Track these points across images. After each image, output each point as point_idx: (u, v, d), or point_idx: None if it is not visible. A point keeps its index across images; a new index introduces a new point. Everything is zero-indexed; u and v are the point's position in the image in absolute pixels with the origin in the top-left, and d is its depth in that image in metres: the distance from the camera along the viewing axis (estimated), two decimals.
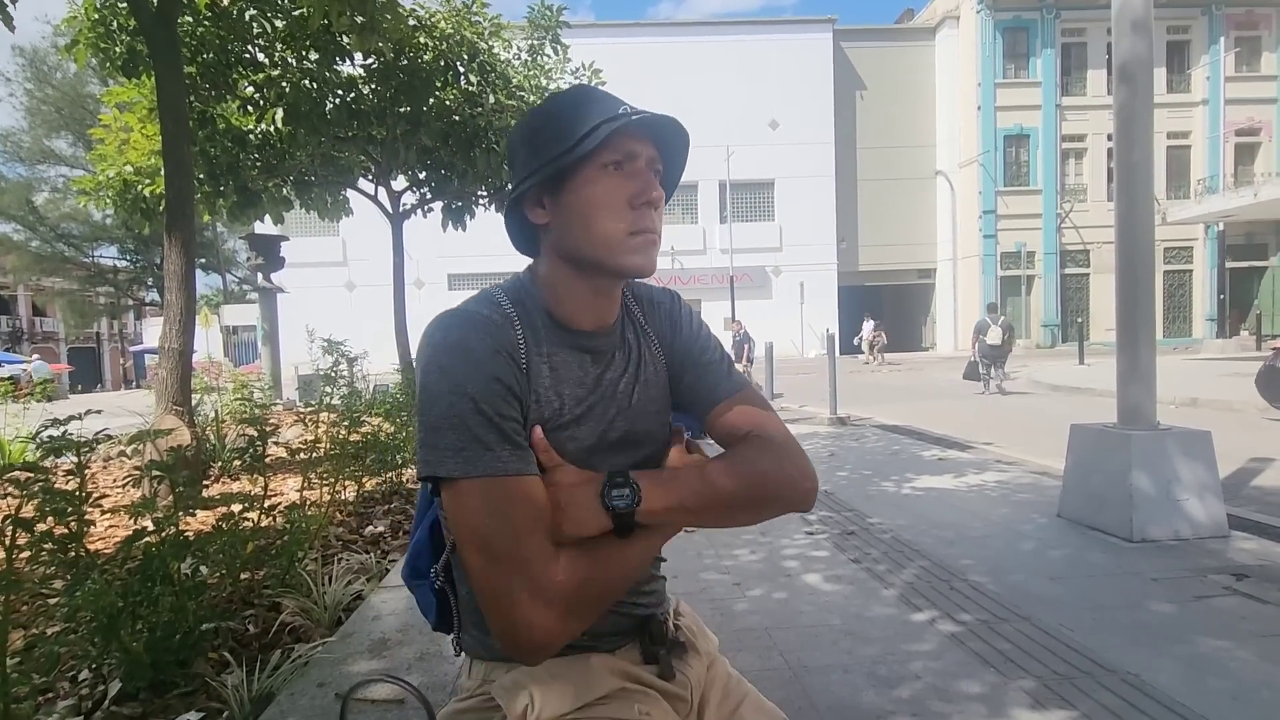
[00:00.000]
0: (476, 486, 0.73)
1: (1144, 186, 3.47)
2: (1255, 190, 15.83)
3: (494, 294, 0.84)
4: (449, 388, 0.74)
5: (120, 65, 5.46)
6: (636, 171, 0.80)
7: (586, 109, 0.79)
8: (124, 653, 1.35)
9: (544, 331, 0.83)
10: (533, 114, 0.84)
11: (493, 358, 0.75)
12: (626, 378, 0.89)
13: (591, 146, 0.76)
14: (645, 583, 0.91)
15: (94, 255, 30.03)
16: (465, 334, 0.76)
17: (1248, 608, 2.46)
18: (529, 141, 0.82)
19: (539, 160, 0.80)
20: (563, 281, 0.84)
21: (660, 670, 0.88)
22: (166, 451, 1.86)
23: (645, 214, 0.80)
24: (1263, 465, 5.23)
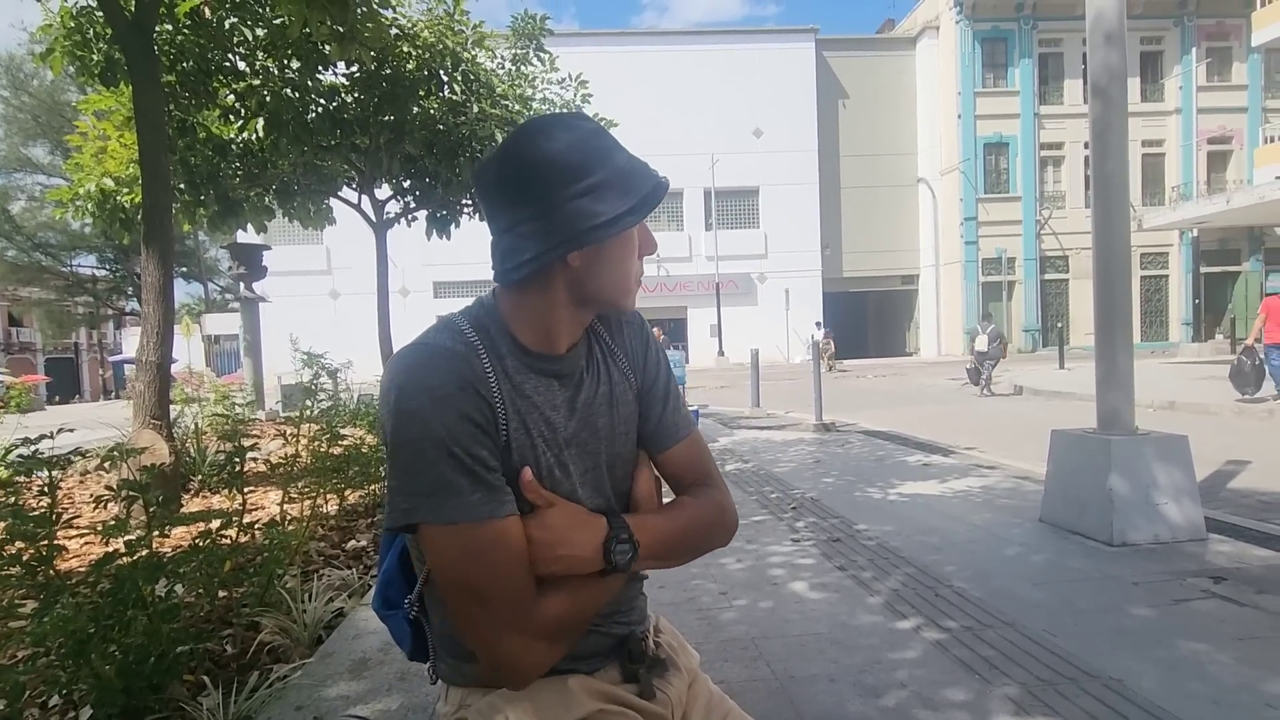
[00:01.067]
0: (449, 533, 0.72)
1: (1119, 194, 3.53)
2: (1227, 197, 16.16)
3: (456, 322, 0.83)
4: (415, 432, 0.72)
5: (97, 73, 5.39)
6: (643, 227, 0.85)
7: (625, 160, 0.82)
8: (95, 678, 1.32)
9: (510, 358, 0.81)
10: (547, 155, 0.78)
11: (458, 395, 0.74)
12: (599, 400, 0.89)
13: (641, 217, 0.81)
14: (626, 600, 0.90)
15: (72, 264, 29.60)
16: (427, 372, 0.74)
17: (1226, 610, 2.49)
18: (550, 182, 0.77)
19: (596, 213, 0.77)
20: (547, 309, 0.82)
21: (640, 689, 0.87)
22: (142, 470, 1.82)
23: (643, 264, 0.88)
24: (1238, 468, 5.32)
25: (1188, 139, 25.47)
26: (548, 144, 0.78)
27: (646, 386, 0.96)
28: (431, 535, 0.73)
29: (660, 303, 26.24)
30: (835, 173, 27.43)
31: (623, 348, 0.95)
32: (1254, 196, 15.07)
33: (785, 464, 5.76)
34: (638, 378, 0.95)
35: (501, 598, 0.74)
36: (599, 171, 0.79)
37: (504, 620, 0.74)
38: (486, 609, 0.74)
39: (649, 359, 0.97)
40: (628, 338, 0.96)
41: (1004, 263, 25.70)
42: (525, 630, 0.75)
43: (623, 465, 0.90)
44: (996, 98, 25.57)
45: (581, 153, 0.79)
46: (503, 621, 0.74)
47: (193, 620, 1.94)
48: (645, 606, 0.96)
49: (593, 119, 0.88)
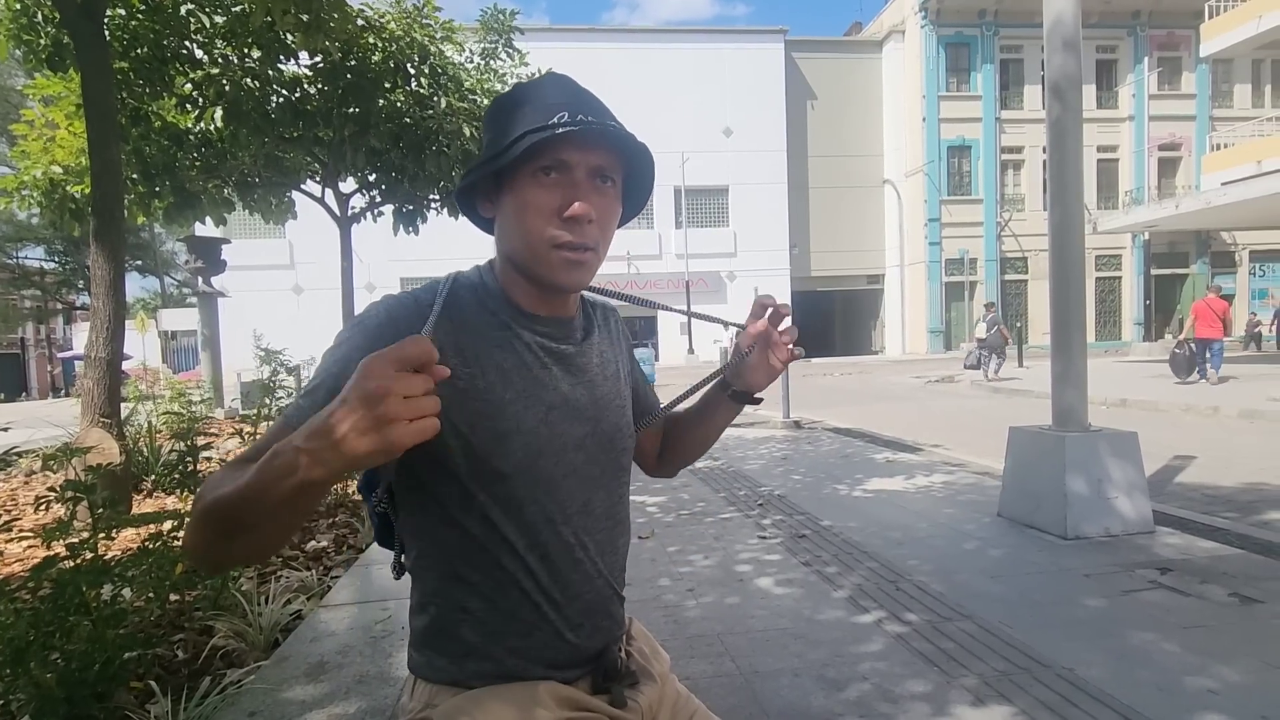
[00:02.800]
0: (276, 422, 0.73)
1: (1074, 197, 3.63)
2: (1177, 203, 16.76)
3: (443, 282, 0.84)
4: (338, 345, 0.76)
5: (45, 58, 5.17)
6: (572, 182, 0.77)
7: (535, 107, 0.78)
8: (34, 687, 1.26)
9: (505, 313, 0.83)
10: (495, 100, 0.84)
11: (385, 324, 0.76)
12: (596, 366, 0.90)
13: (515, 155, 0.75)
14: (606, 604, 0.88)
15: (18, 256, 28.37)
16: (379, 310, 0.78)
17: (1172, 600, 2.58)
18: (488, 127, 0.83)
19: (480, 157, 0.80)
20: (512, 275, 0.84)
21: (612, 699, 0.86)
22: (88, 470, 1.75)
23: (575, 227, 0.77)
24: (1185, 463, 5.53)
25: (1140, 145, 26.36)
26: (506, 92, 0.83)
27: (631, 364, 1.01)
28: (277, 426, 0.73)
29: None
30: (803, 173, 27.74)
31: (612, 334, 0.97)
32: (1201, 202, 15.66)
33: (754, 461, 5.81)
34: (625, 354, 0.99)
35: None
36: (509, 111, 0.79)
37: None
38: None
39: (628, 338, 1.02)
40: (611, 322, 0.99)
41: (966, 263, 26.28)
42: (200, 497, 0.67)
43: (622, 438, 0.90)
44: (959, 102, 26.12)
45: (501, 103, 0.82)
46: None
47: (141, 625, 1.87)
48: (623, 615, 0.94)
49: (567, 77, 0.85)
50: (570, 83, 0.83)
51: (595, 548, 0.86)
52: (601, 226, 0.80)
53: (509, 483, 0.79)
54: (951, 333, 26.64)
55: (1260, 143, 17.67)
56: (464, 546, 0.80)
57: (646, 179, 0.87)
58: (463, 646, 0.81)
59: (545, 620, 0.82)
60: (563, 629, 0.83)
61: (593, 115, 0.76)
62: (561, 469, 0.82)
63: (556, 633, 0.82)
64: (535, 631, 0.81)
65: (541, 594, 0.81)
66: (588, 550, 0.85)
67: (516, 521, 0.80)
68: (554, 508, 0.82)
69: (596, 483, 0.86)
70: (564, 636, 0.83)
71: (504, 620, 0.80)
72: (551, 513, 0.81)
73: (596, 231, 0.79)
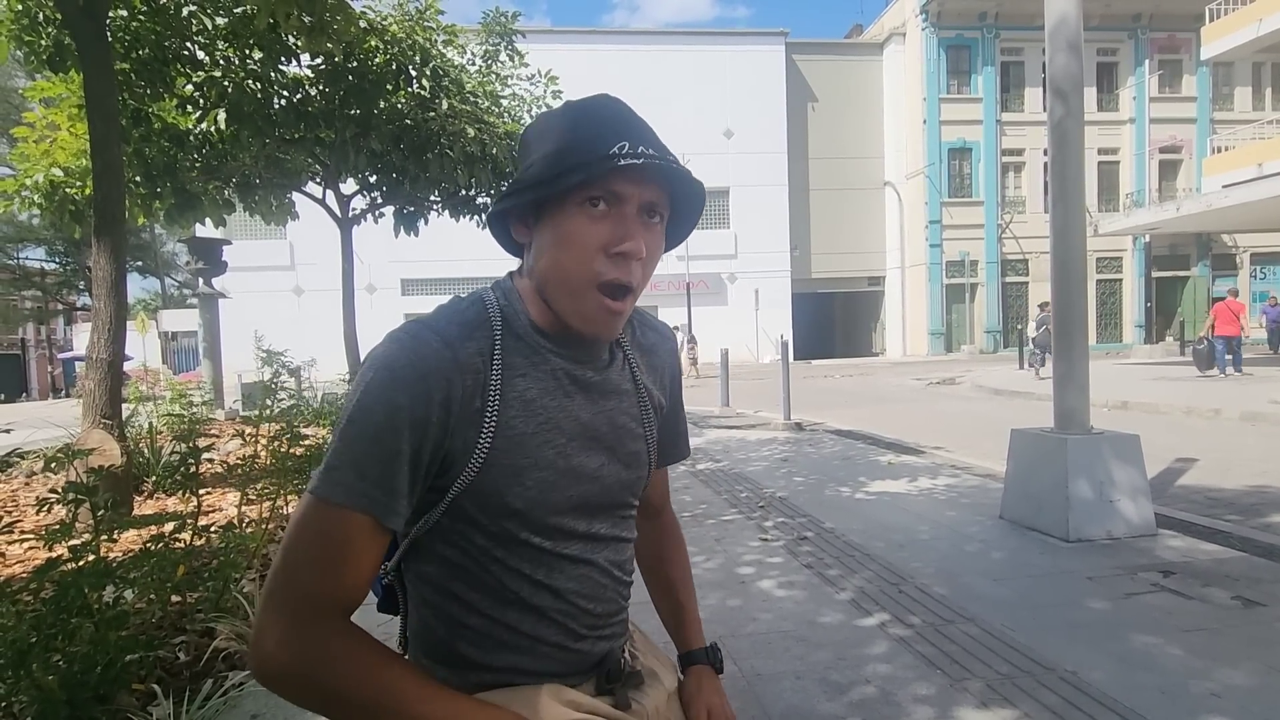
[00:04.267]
0: (323, 508, 0.68)
1: (1076, 200, 3.63)
2: (1177, 205, 16.77)
3: (466, 304, 0.78)
4: (358, 403, 0.69)
5: (46, 59, 5.17)
6: (622, 216, 0.73)
7: (588, 131, 0.73)
8: (36, 690, 1.26)
9: (528, 340, 0.78)
10: (539, 119, 0.80)
11: (419, 382, 0.69)
12: (620, 394, 0.85)
13: (565, 187, 0.71)
14: (610, 615, 0.86)
15: (19, 257, 28.41)
16: (399, 352, 0.71)
17: (1174, 603, 2.58)
18: (526, 148, 0.79)
19: (524, 179, 0.74)
20: (539, 302, 0.79)
21: (615, 701, 0.84)
22: (90, 471, 1.75)
23: (622, 264, 0.73)
24: (1187, 465, 5.52)
25: (1141, 148, 26.38)
26: (552, 111, 0.79)
27: (671, 407, 0.96)
28: (307, 503, 0.69)
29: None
30: (804, 174, 27.76)
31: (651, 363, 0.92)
32: (1202, 204, 15.66)
33: (756, 463, 5.81)
34: (666, 397, 0.94)
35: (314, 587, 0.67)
36: (558, 135, 0.74)
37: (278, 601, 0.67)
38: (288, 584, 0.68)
39: (678, 379, 0.98)
40: (663, 354, 0.94)
41: (967, 265, 26.29)
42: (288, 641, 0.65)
43: (639, 465, 0.87)
44: (960, 104, 26.14)
45: (561, 117, 0.77)
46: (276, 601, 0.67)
47: (143, 627, 1.87)
48: (627, 619, 0.93)
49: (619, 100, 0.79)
50: (624, 107, 0.78)
51: (600, 566, 0.84)
52: (645, 265, 0.75)
53: (518, 516, 0.76)
54: (952, 335, 26.64)
55: (1261, 145, 17.69)
56: (463, 566, 0.78)
57: (693, 214, 0.83)
58: (462, 660, 0.80)
59: (547, 637, 0.80)
60: (566, 641, 0.81)
61: (651, 147, 0.72)
62: (574, 499, 0.80)
63: (559, 645, 0.81)
64: (538, 646, 0.80)
65: (544, 611, 0.80)
66: (593, 567, 0.83)
67: (522, 547, 0.78)
68: (561, 534, 0.80)
69: (608, 509, 0.85)
70: (567, 648, 0.81)
71: (505, 634, 0.79)
72: (558, 538, 0.79)
73: (640, 271, 0.75)
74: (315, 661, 0.66)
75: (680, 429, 1.00)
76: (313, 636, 0.66)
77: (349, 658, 0.67)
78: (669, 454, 0.99)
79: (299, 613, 0.67)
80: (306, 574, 0.68)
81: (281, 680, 0.67)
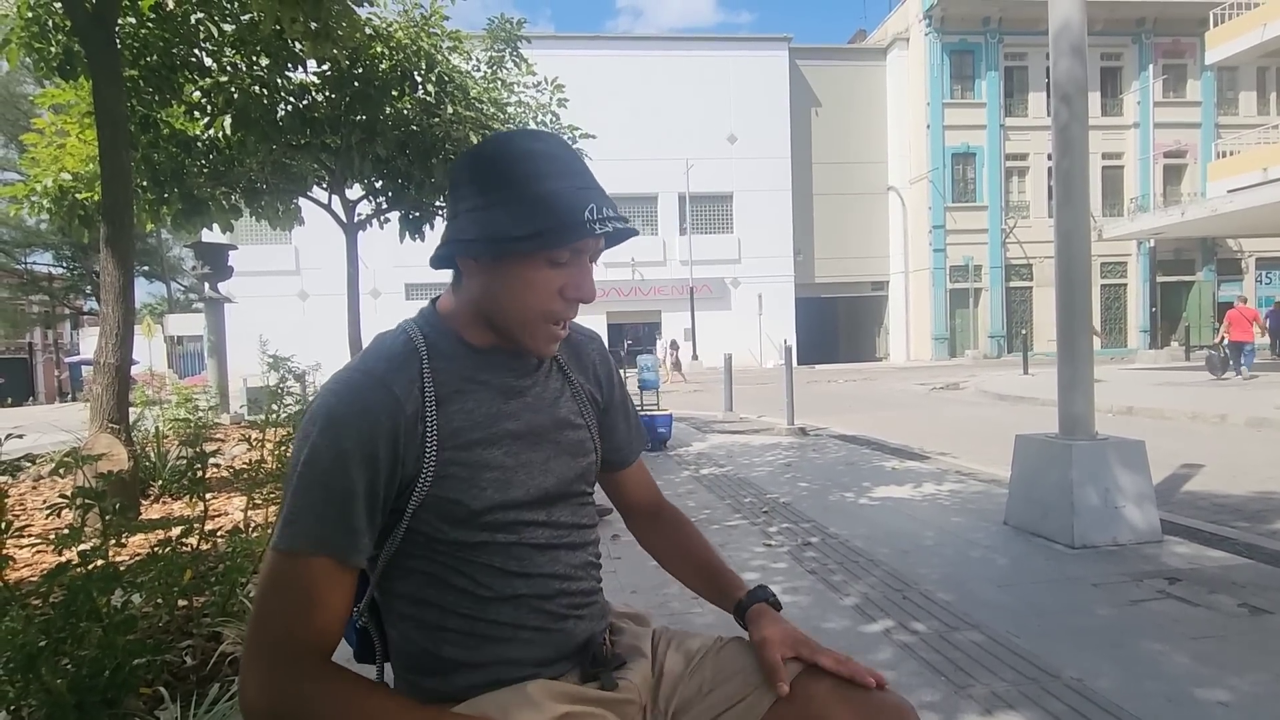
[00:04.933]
0: (288, 559, 0.72)
1: (1081, 204, 3.62)
2: (1182, 210, 16.74)
3: (390, 340, 0.82)
4: (305, 456, 0.73)
5: (56, 66, 5.22)
6: (580, 266, 0.79)
7: (552, 186, 0.75)
8: (45, 693, 1.27)
9: (458, 359, 0.82)
10: (488, 159, 0.78)
11: (358, 422, 0.73)
12: (552, 396, 0.90)
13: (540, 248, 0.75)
14: (585, 596, 0.89)
15: (27, 262, 28.61)
16: (336, 401, 0.74)
17: (1180, 611, 2.57)
18: (481, 179, 0.78)
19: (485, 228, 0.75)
20: (474, 321, 0.83)
21: (601, 685, 0.86)
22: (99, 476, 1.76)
23: (570, 305, 0.80)
24: (1193, 471, 5.50)
25: (1145, 152, 26.35)
26: (500, 146, 0.79)
27: (610, 403, 1.00)
28: (272, 558, 0.73)
29: (634, 306, 26.29)
30: (808, 179, 27.79)
31: (580, 362, 0.97)
32: (1207, 209, 15.63)
33: (760, 468, 5.81)
34: (601, 393, 0.99)
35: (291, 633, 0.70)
36: (521, 186, 0.75)
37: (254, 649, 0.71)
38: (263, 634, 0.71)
39: (613, 376, 1.01)
40: (590, 353, 0.99)
41: (971, 270, 26.27)
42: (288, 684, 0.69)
43: (585, 452, 0.92)
44: (964, 109, 26.17)
45: (518, 162, 0.77)
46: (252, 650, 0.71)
47: (150, 631, 1.88)
48: (604, 603, 0.96)
49: (565, 140, 0.84)
50: (573, 154, 0.81)
51: (567, 548, 0.88)
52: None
53: (479, 517, 0.79)
54: (956, 340, 26.59)
55: (1266, 150, 17.65)
56: (435, 574, 0.81)
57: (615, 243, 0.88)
58: (447, 664, 0.81)
59: (527, 622, 0.82)
60: (547, 624, 0.83)
61: (606, 204, 0.77)
62: (531, 492, 0.83)
63: (541, 629, 0.83)
64: (520, 633, 0.82)
65: (521, 599, 0.82)
66: (560, 550, 0.87)
67: (489, 545, 0.81)
68: (523, 526, 0.83)
69: (564, 498, 0.88)
70: (549, 630, 0.84)
71: (487, 628, 0.81)
72: (521, 530, 0.83)
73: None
74: (293, 704, 0.69)
75: (631, 421, 1.05)
76: (288, 680, 0.69)
77: (325, 695, 0.69)
78: (626, 448, 1.03)
79: (275, 660, 0.70)
80: (278, 622, 0.71)
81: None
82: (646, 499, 1.09)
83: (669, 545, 1.08)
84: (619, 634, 0.96)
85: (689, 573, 1.06)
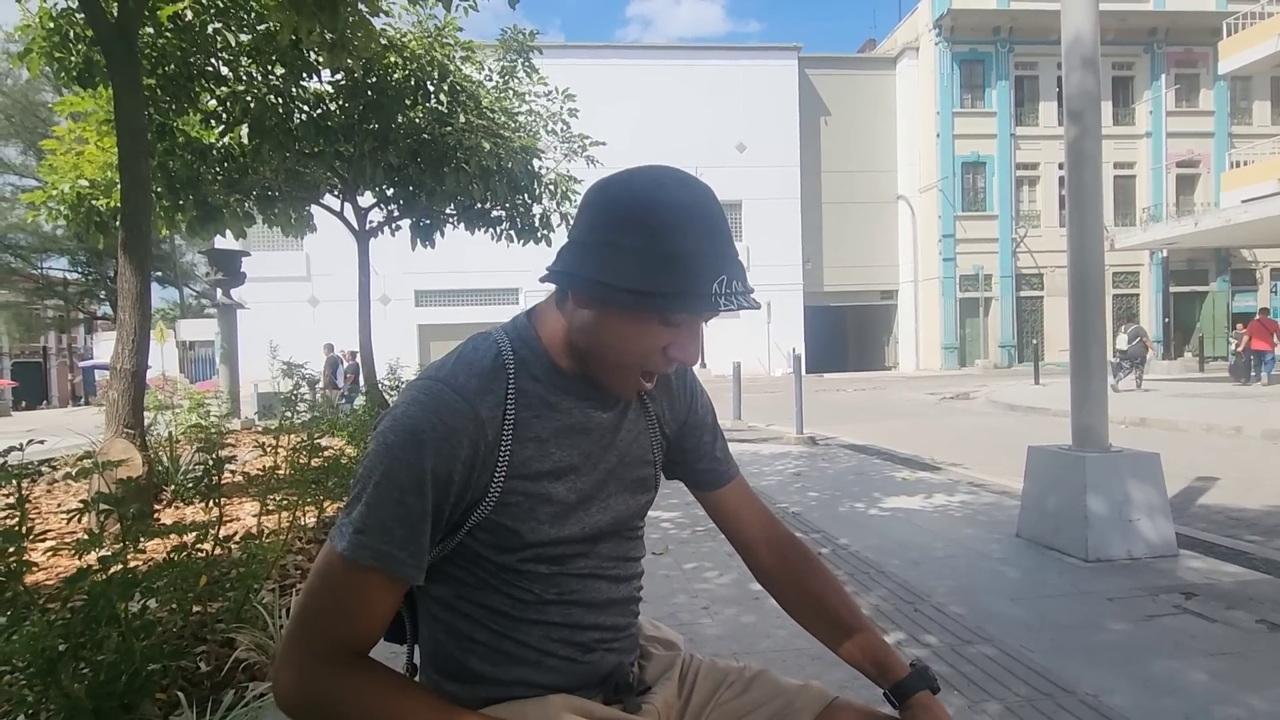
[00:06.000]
0: (349, 567, 0.72)
1: (1094, 214, 3.61)
2: (1195, 220, 16.62)
3: (481, 352, 0.78)
4: (382, 467, 0.72)
5: (76, 75, 5.32)
6: (691, 330, 0.76)
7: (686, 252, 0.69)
8: (64, 698, 1.28)
9: (545, 379, 0.79)
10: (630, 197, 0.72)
11: (441, 444, 0.71)
12: (636, 429, 0.89)
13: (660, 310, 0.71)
14: (621, 628, 0.88)
15: (42, 267, 28.98)
16: (421, 414, 0.72)
17: (1197, 626, 2.54)
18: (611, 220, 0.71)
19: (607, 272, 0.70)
20: (567, 346, 0.80)
21: (625, 707, 0.86)
22: (118, 482, 1.78)
23: (669, 363, 0.77)
24: (1208, 484, 5.44)
25: (1157, 162, 26.20)
26: (647, 188, 0.72)
27: (697, 421, 0.97)
28: (331, 555, 0.73)
29: None
30: (817, 188, 27.79)
31: (661, 385, 0.94)
32: (1221, 219, 15.51)
33: (769, 477, 5.79)
34: (684, 413, 0.96)
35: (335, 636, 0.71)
36: (659, 240, 0.69)
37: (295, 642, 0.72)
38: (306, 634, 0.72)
39: (697, 397, 0.98)
40: (672, 376, 0.95)
41: (981, 279, 26.15)
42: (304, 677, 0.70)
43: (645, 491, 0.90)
44: (974, 118, 26.12)
45: (662, 212, 0.70)
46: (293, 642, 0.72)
47: (165, 636, 1.89)
48: (636, 634, 0.94)
49: (712, 193, 0.75)
50: (715, 211, 0.73)
51: (607, 581, 0.86)
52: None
53: (530, 547, 0.79)
54: (966, 349, 26.44)
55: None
56: (474, 586, 0.80)
57: None
58: (471, 674, 0.81)
59: (555, 650, 0.82)
60: (574, 655, 0.83)
61: (738, 278, 0.71)
62: (585, 529, 0.82)
63: (568, 659, 0.82)
64: (546, 659, 0.81)
65: (553, 626, 0.81)
66: (601, 581, 0.85)
67: (531, 570, 0.80)
68: (569, 558, 0.82)
69: (615, 534, 0.87)
70: (576, 661, 0.83)
71: (514, 648, 0.80)
72: (565, 562, 0.82)
73: None
74: (328, 697, 0.70)
75: (721, 439, 1.00)
76: (325, 675, 0.70)
77: (360, 690, 0.70)
78: (720, 465, 0.98)
79: (315, 655, 0.71)
80: (323, 623, 0.72)
81: (297, 713, 0.72)
82: (763, 529, 0.99)
83: (800, 593, 0.96)
84: (647, 659, 0.95)
85: (829, 631, 0.94)
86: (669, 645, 0.98)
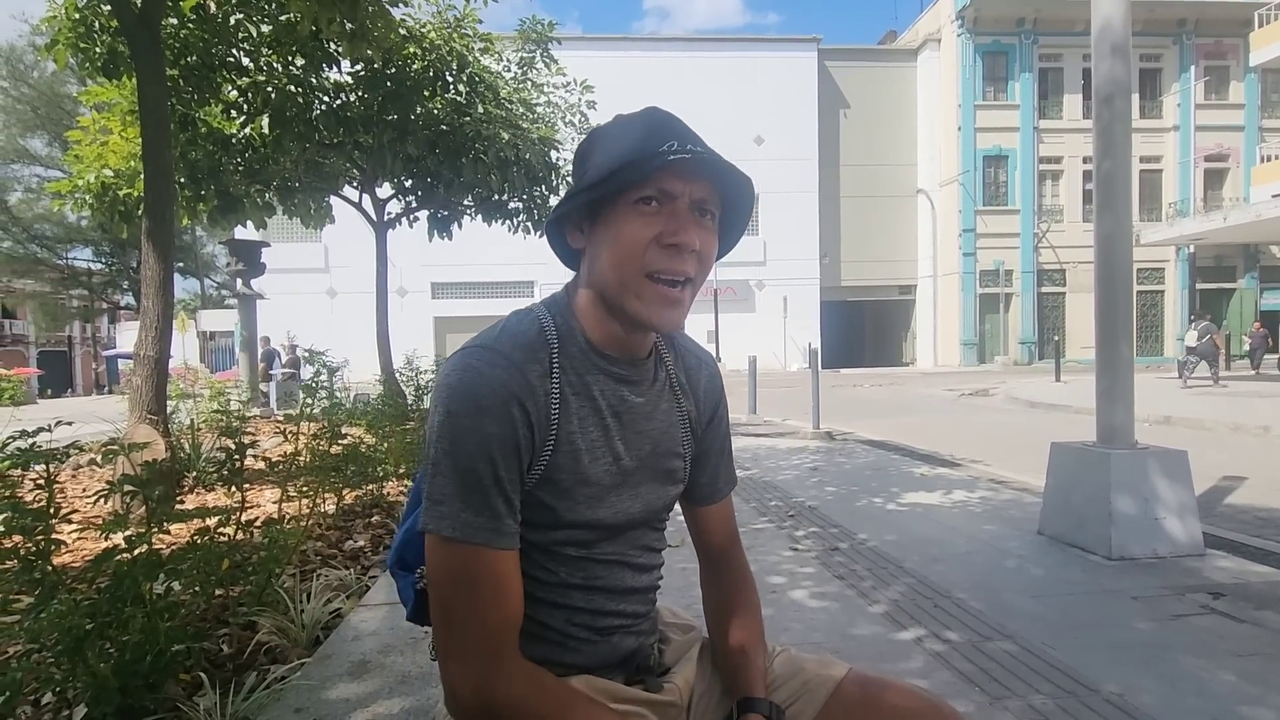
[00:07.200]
0: (445, 546, 0.71)
1: (1124, 207, 3.53)
2: (1224, 215, 16.28)
3: (526, 324, 0.79)
4: (449, 437, 0.71)
5: (100, 66, 5.38)
6: (674, 212, 0.75)
7: (636, 138, 0.75)
8: (90, 676, 1.30)
9: (580, 357, 0.80)
10: (592, 132, 0.83)
11: (501, 408, 0.72)
12: (662, 417, 0.88)
13: (618, 185, 0.73)
14: (641, 614, 0.89)
15: (68, 257, 29.48)
16: (477, 379, 0.72)
17: (1225, 626, 2.48)
18: (581, 160, 0.81)
19: (577, 186, 0.78)
20: (596, 311, 0.80)
21: (646, 687, 0.87)
22: (143, 465, 1.81)
23: (675, 255, 0.74)
24: (1235, 484, 5.33)
25: (1185, 156, 25.65)
26: (604, 125, 0.82)
27: (711, 432, 0.96)
28: (431, 543, 0.73)
29: None
30: (835, 181, 27.54)
31: (691, 381, 0.93)
32: (1251, 214, 15.18)
33: (786, 472, 5.76)
34: (703, 419, 0.95)
35: (476, 635, 0.71)
36: (611, 142, 0.78)
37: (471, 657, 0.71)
38: (459, 637, 0.72)
39: (719, 404, 0.97)
40: (701, 377, 0.95)
41: (1001, 275, 25.80)
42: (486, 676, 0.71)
43: (674, 481, 0.90)
44: (996, 111, 25.71)
45: (613, 126, 0.79)
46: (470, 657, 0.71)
47: (189, 618, 1.92)
48: (656, 618, 0.96)
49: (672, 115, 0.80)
50: (670, 115, 0.80)
51: (631, 569, 0.87)
52: (701, 260, 0.77)
53: (564, 528, 0.79)
54: (985, 345, 26.13)
55: None
56: None
57: (744, 215, 0.84)
58: None
59: (576, 633, 0.83)
60: (595, 637, 0.83)
61: (692, 141, 0.75)
62: (617, 514, 0.82)
63: (588, 640, 0.83)
64: (568, 641, 0.82)
65: (575, 609, 0.82)
66: (625, 568, 0.86)
67: (559, 552, 0.80)
68: (596, 541, 0.82)
69: (643, 522, 0.87)
70: (596, 643, 0.84)
71: (537, 629, 0.81)
72: (593, 545, 0.82)
73: (695, 264, 0.76)
74: (506, 700, 0.70)
75: (726, 456, 0.99)
76: (498, 679, 0.71)
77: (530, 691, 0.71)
78: (718, 482, 0.97)
79: (479, 655, 0.71)
80: (471, 621, 0.72)
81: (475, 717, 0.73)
82: (721, 542, 1.00)
83: (720, 602, 0.97)
84: (666, 643, 0.95)
85: (721, 640, 0.95)
86: (687, 629, 0.99)
